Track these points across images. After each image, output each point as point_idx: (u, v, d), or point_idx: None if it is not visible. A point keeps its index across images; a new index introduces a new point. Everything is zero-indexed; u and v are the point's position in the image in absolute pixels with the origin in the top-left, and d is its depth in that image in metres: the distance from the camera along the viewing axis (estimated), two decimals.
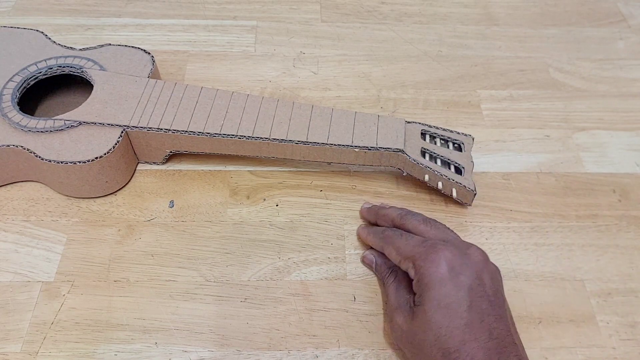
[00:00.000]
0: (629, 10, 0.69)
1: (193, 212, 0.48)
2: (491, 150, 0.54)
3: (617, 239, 0.48)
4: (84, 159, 0.45)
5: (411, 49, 0.63)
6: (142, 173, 0.51)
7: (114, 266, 0.45)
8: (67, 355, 0.40)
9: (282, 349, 0.41)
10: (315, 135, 0.47)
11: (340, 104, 0.57)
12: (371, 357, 0.41)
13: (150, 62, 0.52)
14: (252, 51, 0.62)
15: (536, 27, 0.66)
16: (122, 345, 0.41)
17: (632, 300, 0.44)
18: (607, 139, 0.55)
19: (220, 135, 0.47)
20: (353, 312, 0.43)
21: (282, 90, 0.58)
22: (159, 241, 0.46)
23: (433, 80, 0.60)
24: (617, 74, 0.61)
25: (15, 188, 0.49)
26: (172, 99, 0.49)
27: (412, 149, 0.47)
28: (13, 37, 0.54)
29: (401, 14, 0.67)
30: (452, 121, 0.56)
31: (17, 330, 0.41)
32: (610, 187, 0.51)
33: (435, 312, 0.35)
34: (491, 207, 0.49)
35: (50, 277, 0.44)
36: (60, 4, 0.66)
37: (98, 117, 0.47)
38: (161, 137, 0.48)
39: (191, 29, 0.64)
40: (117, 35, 0.62)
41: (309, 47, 0.62)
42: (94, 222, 0.47)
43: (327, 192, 0.50)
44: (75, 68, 0.51)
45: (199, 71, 0.59)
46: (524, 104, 0.58)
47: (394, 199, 0.50)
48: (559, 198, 0.50)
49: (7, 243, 0.46)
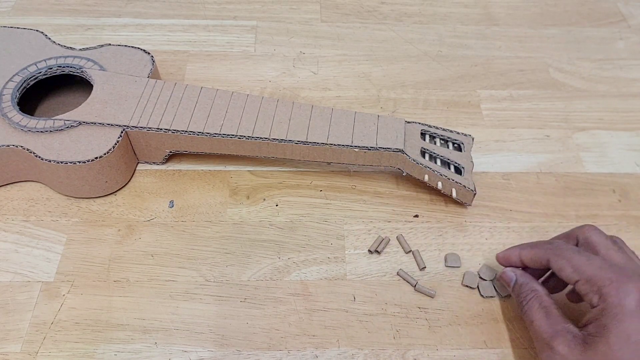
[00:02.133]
0: (629, 10, 0.69)
1: (193, 212, 0.48)
2: (491, 150, 0.54)
3: None
4: (84, 159, 0.45)
5: (411, 49, 0.63)
6: (142, 173, 0.51)
7: (114, 266, 0.45)
8: (67, 355, 0.40)
9: (281, 349, 0.41)
10: (315, 135, 0.47)
11: (340, 104, 0.57)
12: (371, 357, 0.41)
13: (150, 62, 0.52)
14: (252, 51, 0.62)
15: (536, 27, 0.66)
16: (122, 345, 0.41)
17: None
18: (607, 139, 0.55)
19: (220, 135, 0.47)
20: (353, 312, 0.43)
21: (282, 90, 0.58)
22: (159, 241, 0.46)
23: (433, 80, 0.60)
24: (617, 74, 0.61)
25: (15, 188, 0.49)
26: (172, 99, 0.49)
27: (412, 149, 0.47)
28: (13, 37, 0.54)
29: (401, 14, 0.67)
30: (452, 121, 0.56)
31: (17, 330, 0.41)
32: (610, 187, 0.51)
33: (622, 348, 0.33)
34: (491, 207, 0.49)
35: (50, 277, 0.44)
36: (60, 4, 0.66)
37: (98, 117, 0.47)
38: (161, 137, 0.48)
39: (191, 29, 0.64)
40: (117, 35, 0.62)
41: (309, 47, 0.62)
42: (94, 222, 0.47)
43: (326, 192, 0.50)
44: (75, 68, 0.51)
45: (199, 71, 0.59)
46: (524, 104, 0.58)
47: (394, 199, 0.50)
48: (559, 198, 0.50)
49: (7, 243, 0.46)
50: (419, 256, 0.46)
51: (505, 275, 0.42)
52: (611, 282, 0.35)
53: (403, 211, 0.49)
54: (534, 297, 0.39)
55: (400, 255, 0.46)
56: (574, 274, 0.37)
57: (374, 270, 0.45)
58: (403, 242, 0.47)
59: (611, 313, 0.34)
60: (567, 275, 0.37)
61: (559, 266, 0.38)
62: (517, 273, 0.41)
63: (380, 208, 0.49)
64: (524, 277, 0.41)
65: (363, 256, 0.46)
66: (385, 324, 0.42)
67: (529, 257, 0.41)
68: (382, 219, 0.48)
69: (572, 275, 0.37)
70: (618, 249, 0.38)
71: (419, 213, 0.49)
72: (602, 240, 0.39)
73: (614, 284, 0.35)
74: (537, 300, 0.39)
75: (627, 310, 0.33)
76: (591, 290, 0.36)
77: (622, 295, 0.34)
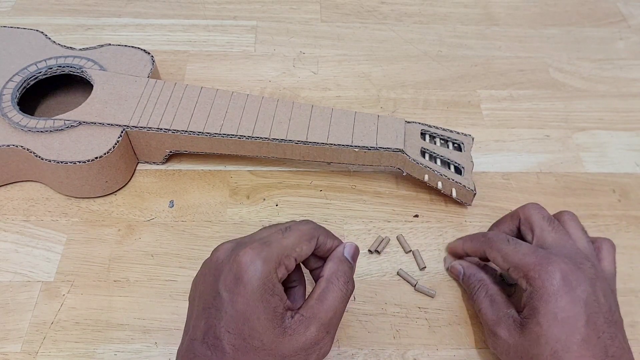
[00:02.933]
0: (629, 10, 0.69)
1: (193, 212, 0.48)
2: (491, 150, 0.54)
3: (617, 239, 0.47)
4: (84, 159, 0.45)
5: (411, 49, 0.63)
6: (142, 173, 0.51)
7: (114, 266, 0.45)
8: (67, 355, 0.40)
9: None
10: (315, 135, 0.47)
11: (340, 104, 0.57)
12: (371, 357, 0.41)
13: (150, 62, 0.52)
14: (252, 51, 0.62)
15: (536, 27, 0.66)
16: (122, 345, 0.41)
17: (632, 300, 0.44)
18: (607, 139, 0.55)
19: (220, 135, 0.47)
20: (353, 312, 0.43)
21: (282, 90, 0.58)
22: (159, 241, 0.46)
23: (433, 80, 0.60)
24: (617, 74, 0.61)
25: (15, 188, 0.49)
26: (172, 99, 0.49)
27: (412, 149, 0.47)
28: (13, 37, 0.54)
29: (401, 14, 0.67)
30: (452, 121, 0.56)
31: (17, 330, 0.41)
32: (610, 187, 0.51)
33: (551, 326, 0.35)
34: (491, 207, 0.49)
35: (50, 277, 0.44)
36: (60, 4, 0.66)
37: (98, 117, 0.47)
38: (161, 137, 0.48)
39: (191, 29, 0.64)
40: (117, 35, 0.62)
41: (309, 47, 0.62)
42: (94, 222, 0.47)
43: (326, 192, 0.50)
44: (75, 68, 0.51)
45: (199, 71, 0.59)
46: (524, 104, 0.58)
47: (394, 199, 0.50)
48: (559, 198, 0.50)
49: (7, 243, 0.46)
50: (419, 256, 0.46)
51: (454, 269, 0.44)
52: (534, 266, 0.37)
53: (403, 211, 0.49)
54: (480, 287, 0.41)
55: (400, 255, 0.46)
56: (504, 263, 0.39)
57: (374, 270, 0.45)
58: (403, 242, 0.47)
59: (538, 295, 0.36)
60: (500, 264, 0.39)
61: (493, 257, 0.40)
62: (464, 265, 0.43)
63: (380, 208, 0.49)
64: (471, 269, 0.43)
65: (363, 256, 0.46)
66: (385, 324, 0.42)
67: (470, 250, 0.43)
68: (382, 218, 0.48)
69: (503, 264, 0.39)
70: (552, 229, 0.40)
71: (419, 213, 0.49)
72: (538, 221, 0.41)
73: (536, 267, 0.36)
74: (483, 289, 0.41)
75: (551, 291, 0.35)
76: (519, 276, 0.38)
77: (545, 277, 0.36)
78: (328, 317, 0.33)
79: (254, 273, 0.32)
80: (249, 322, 0.31)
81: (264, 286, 0.32)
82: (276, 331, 0.32)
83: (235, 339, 0.31)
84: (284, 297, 0.33)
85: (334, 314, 0.34)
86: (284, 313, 0.33)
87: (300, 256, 0.35)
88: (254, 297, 0.31)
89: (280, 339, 0.32)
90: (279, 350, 0.32)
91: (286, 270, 0.34)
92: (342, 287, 0.35)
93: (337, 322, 0.35)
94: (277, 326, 0.32)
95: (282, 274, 0.33)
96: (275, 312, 0.32)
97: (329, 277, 0.35)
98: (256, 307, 0.31)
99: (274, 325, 0.32)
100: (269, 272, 0.32)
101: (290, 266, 0.34)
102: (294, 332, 0.32)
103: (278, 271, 0.33)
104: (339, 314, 0.34)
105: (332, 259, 0.36)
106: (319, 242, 0.36)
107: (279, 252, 0.33)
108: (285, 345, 0.32)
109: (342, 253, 0.36)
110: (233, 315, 0.31)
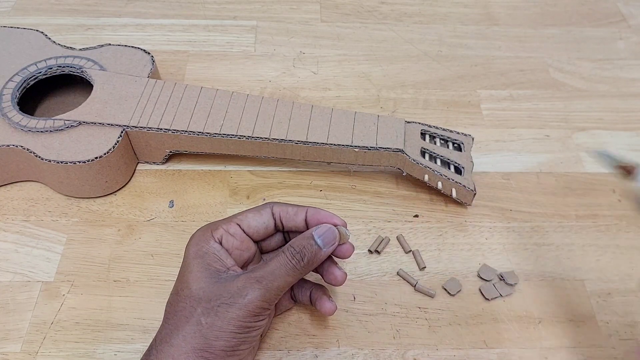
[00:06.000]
0: (629, 10, 0.69)
1: (193, 212, 0.48)
2: (491, 150, 0.54)
3: (617, 239, 0.48)
4: (84, 159, 0.45)
5: (411, 49, 0.63)
6: (142, 173, 0.51)
7: (114, 266, 0.45)
8: (67, 355, 0.40)
9: (281, 349, 0.41)
10: (315, 135, 0.47)
11: (340, 104, 0.57)
12: (371, 357, 0.41)
13: (150, 62, 0.52)
14: (252, 51, 0.62)
15: (536, 27, 0.66)
16: (122, 345, 0.41)
17: (632, 300, 0.44)
18: (607, 139, 0.55)
19: (220, 135, 0.47)
20: (353, 312, 0.43)
21: (282, 90, 0.58)
22: (159, 241, 0.46)
23: (433, 80, 0.60)
24: (617, 74, 0.61)
25: (15, 188, 0.49)
26: (171, 99, 0.49)
27: (412, 149, 0.47)
28: (13, 37, 0.54)
29: (401, 14, 0.67)
30: (452, 121, 0.56)
31: (17, 330, 0.41)
32: (610, 187, 0.51)
33: None
34: (491, 207, 0.49)
35: (50, 277, 0.44)
36: (60, 4, 0.66)
37: (98, 117, 0.47)
38: (161, 137, 0.48)
39: (191, 29, 0.64)
40: (117, 35, 0.62)
41: (309, 47, 0.62)
42: (93, 222, 0.47)
43: (326, 192, 0.50)
44: (75, 68, 0.51)
45: (199, 71, 0.59)
46: (524, 104, 0.58)
47: (394, 199, 0.50)
48: (559, 198, 0.50)
49: (7, 243, 0.46)
50: (419, 256, 0.46)
51: None
52: None
53: (403, 211, 0.49)
54: None
55: (400, 255, 0.46)
56: None
57: (374, 270, 0.45)
58: (403, 242, 0.47)
59: None
60: None
61: None
62: None
63: (380, 208, 0.49)
64: None
65: (363, 256, 0.46)
66: (385, 324, 0.42)
67: None
68: (382, 218, 0.48)
69: None
70: None
71: (419, 213, 0.49)
72: None
73: None
74: None
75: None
76: None
77: None
78: (263, 277, 0.35)
79: (192, 237, 0.38)
80: (183, 276, 0.36)
81: (197, 245, 0.37)
82: (208, 281, 0.35)
83: (173, 295, 0.36)
84: (225, 257, 0.36)
85: (272, 279, 0.35)
86: (222, 269, 0.36)
87: (244, 223, 0.38)
88: (189, 255, 0.36)
89: (211, 287, 0.35)
90: (205, 295, 0.34)
91: (227, 232, 0.37)
92: (291, 257, 0.36)
93: (274, 289, 0.35)
94: (209, 277, 0.35)
95: (218, 235, 0.37)
96: (209, 268, 0.35)
97: (285, 247, 0.36)
98: (188, 264, 0.36)
99: (206, 276, 0.35)
100: (202, 234, 0.37)
101: (231, 230, 0.37)
102: (225, 281, 0.35)
103: (214, 234, 0.37)
104: (278, 281, 0.35)
105: (300, 235, 0.37)
106: (274, 211, 0.39)
107: (222, 221, 0.38)
108: (212, 290, 0.34)
109: (311, 231, 0.37)
110: (179, 273, 0.37)
